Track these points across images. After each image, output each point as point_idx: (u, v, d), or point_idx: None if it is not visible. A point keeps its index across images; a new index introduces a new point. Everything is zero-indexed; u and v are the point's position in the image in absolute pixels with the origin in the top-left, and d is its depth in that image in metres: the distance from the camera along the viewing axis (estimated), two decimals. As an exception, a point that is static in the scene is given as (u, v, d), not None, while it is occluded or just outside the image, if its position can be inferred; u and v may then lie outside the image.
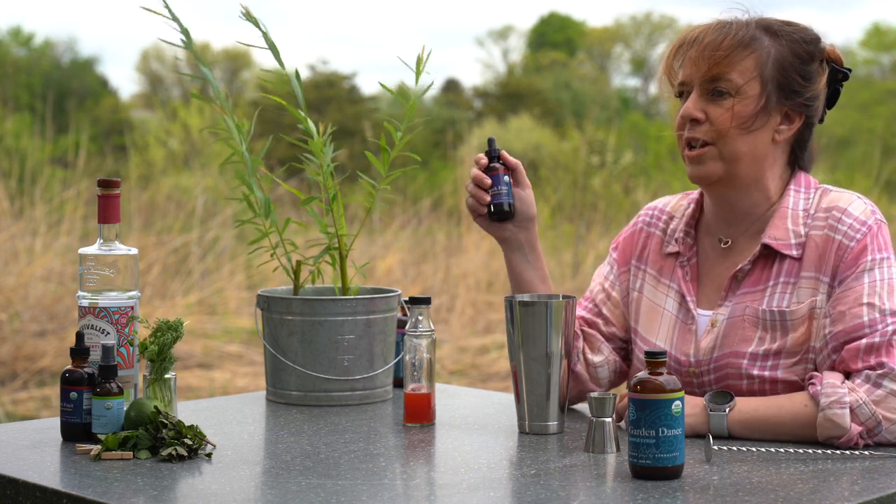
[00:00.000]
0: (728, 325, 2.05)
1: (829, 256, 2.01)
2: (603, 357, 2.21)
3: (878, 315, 1.96)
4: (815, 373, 1.97)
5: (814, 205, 2.07)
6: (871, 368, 1.93)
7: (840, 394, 1.90)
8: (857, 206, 2.04)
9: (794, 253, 2.04)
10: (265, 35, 2.36)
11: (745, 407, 1.96)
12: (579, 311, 2.26)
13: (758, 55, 2.04)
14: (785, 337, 2.02)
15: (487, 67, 27.42)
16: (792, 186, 2.10)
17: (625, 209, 10.40)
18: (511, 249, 2.23)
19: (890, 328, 1.95)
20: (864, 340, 1.94)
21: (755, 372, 2.01)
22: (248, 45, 2.36)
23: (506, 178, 2.19)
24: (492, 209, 2.18)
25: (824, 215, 2.05)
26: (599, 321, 2.23)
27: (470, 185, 2.21)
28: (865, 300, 1.97)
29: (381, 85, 2.39)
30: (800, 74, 2.06)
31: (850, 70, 2.13)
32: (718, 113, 2.04)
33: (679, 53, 2.10)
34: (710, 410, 1.95)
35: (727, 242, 2.13)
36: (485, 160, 2.21)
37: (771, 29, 2.07)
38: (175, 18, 2.30)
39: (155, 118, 14.34)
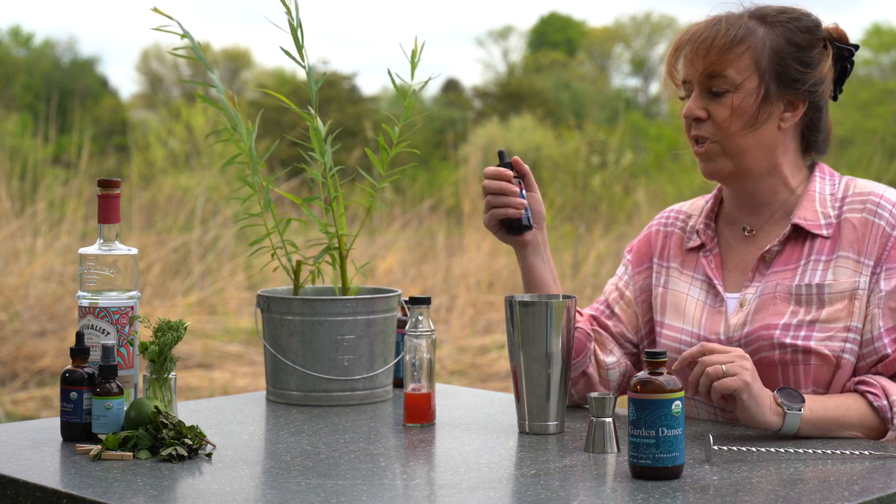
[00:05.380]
0: (759, 302, 2.05)
1: (872, 241, 2.03)
2: (615, 359, 2.21)
3: None
4: (867, 378, 1.99)
5: (841, 190, 2.10)
6: None
7: None
8: (892, 193, 2.08)
9: (825, 233, 2.05)
10: (290, 17, 2.33)
11: (815, 406, 1.95)
12: (591, 311, 2.27)
13: (753, 49, 2.04)
14: (821, 309, 2.02)
15: (487, 67, 27.44)
16: (817, 173, 2.12)
17: (625, 209, 10.41)
18: (533, 252, 2.19)
19: None
20: None
21: (787, 340, 2.00)
22: (274, 24, 2.33)
23: (522, 191, 2.15)
24: (512, 225, 2.14)
25: (861, 199, 2.07)
26: (610, 322, 2.24)
27: (493, 198, 2.13)
28: None
29: (389, 73, 2.38)
30: (798, 62, 2.05)
31: (856, 46, 2.12)
32: (720, 110, 2.05)
33: (677, 55, 2.11)
34: (787, 410, 1.92)
35: (751, 231, 2.13)
36: (508, 173, 2.14)
37: (766, 19, 2.07)
38: (186, 35, 2.29)
39: (155, 118, 14.35)
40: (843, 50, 2.11)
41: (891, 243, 2.03)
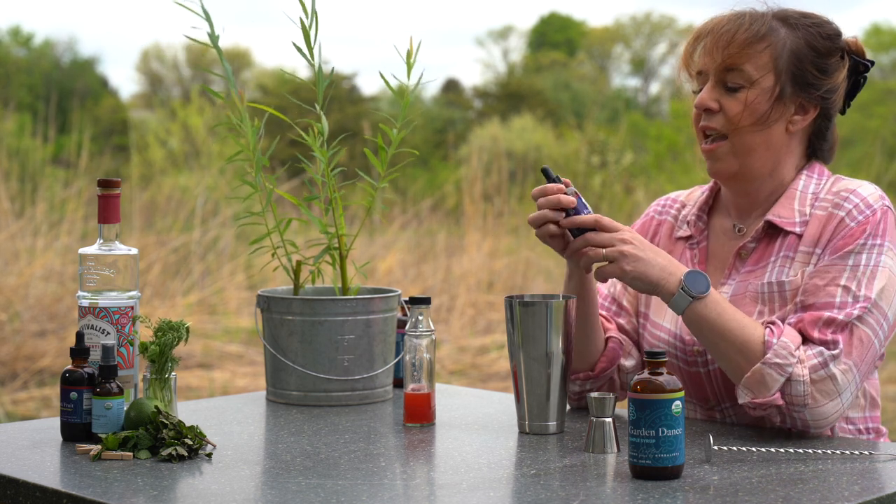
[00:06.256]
0: (731, 302, 2.04)
1: (828, 231, 2.01)
2: (634, 362, 2.20)
3: (850, 299, 1.94)
4: (778, 322, 1.95)
5: (824, 189, 2.07)
6: (826, 344, 1.91)
7: (789, 361, 1.89)
8: (866, 188, 2.04)
9: (798, 230, 2.04)
10: (304, 17, 2.33)
11: (716, 306, 1.93)
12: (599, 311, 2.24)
13: (773, 47, 2.03)
14: (783, 308, 2.01)
15: (487, 67, 27.42)
16: (805, 172, 2.10)
17: (625, 209, 10.41)
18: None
19: (856, 311, 1.93)
20: (826, 313, 1.93)
21: None
22: (291, 20, 2.33)
23: (580, 199, 2.02)
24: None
25: (832, 197, 2.04)
26: (621, 319, 2.23)
27: (551, 213, 2.00)
28: (843, 282, 1.95)
29: (381, 75, 2.38)
30: (816, 67, 2.05)
31: (872, 62, 2.12)
32: (733, 104, 2.05)
33: (696, 44, 2.10)
34: (681, 289, 1.92)
35: (741, 229, 2.13)
36: (554, 187, 2.02)
37: (788, 20, 2.06)
38: (207, 17, 2.30)
39: (155, 118, 14.35)
40: (858, 64, 2.10)
41: (842, 232, 1.99)
